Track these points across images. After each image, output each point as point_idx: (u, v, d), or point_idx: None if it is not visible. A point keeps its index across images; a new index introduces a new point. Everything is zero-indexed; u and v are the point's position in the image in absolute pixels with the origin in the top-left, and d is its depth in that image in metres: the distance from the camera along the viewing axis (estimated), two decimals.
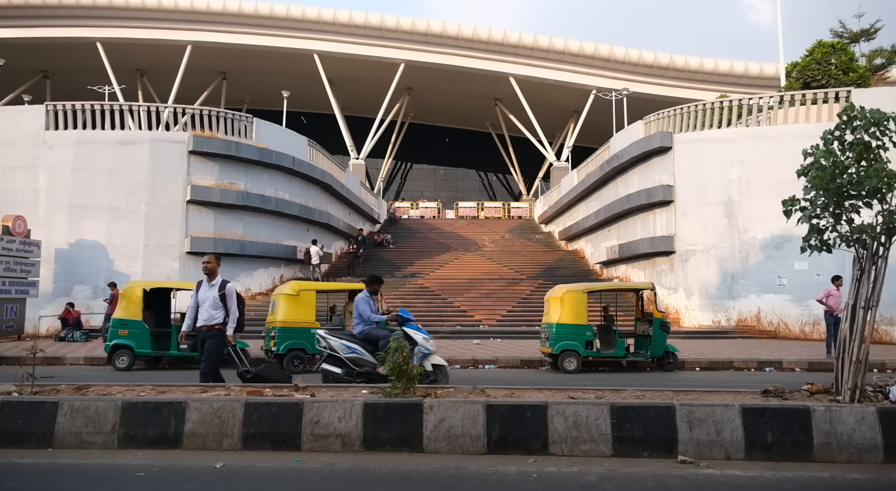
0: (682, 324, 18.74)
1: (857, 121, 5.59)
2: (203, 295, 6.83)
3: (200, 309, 6.80)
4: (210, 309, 6.76)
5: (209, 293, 6.80)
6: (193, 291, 6.97)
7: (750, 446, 4.75)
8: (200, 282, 6.95)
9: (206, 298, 6.80)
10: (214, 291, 6.81)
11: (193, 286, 7.08)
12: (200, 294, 6.84)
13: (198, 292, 6.87)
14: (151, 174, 18.91)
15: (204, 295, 6.83)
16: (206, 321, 6.78)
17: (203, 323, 6.78)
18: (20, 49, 34.24)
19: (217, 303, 6.79)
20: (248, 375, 7.27)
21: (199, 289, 6.87)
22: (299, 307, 10.82)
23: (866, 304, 5.58)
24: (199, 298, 6.82)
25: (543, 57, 36.46)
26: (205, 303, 6.78)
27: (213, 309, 6.76)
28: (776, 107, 18.83)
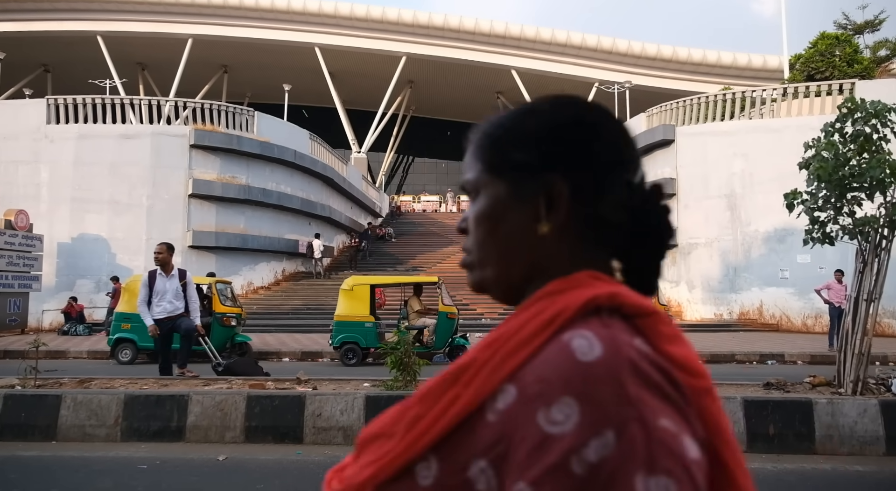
0: (685, 317, 18.73)
1: (857, 112, 5.57)
2: (161, 287, 6.66)
3: (159, 301, 6.62)
4: (173, 300, 6.66)
5: (169, 285, 6.67)
6: (144, 283, 6.73)
7: (752, 439, 4.75)
8: (153, 273, 6.69)
9: (167, 289, 6.66)
10: (175, 282, 6.69)
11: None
12: (158, 286, 6.65)
13: (152, 285, 6.64)
14: (153, 168, 18.90)
15: (162, 287, 6.67)
16: (171, 312, 6.68)
17: (167, 314, 6.66)
18: (21, 43, 34.16)
19: (179, 294, 6.71)
20: (219, 369, 7.19)
21: (155, 281, 6.65)
22: (353, 302, 10.85)
23: (869, 296, 5.57)
24: (156, 290, 6.63)
25: (545, 50, 36.28)
26: (165, 294, 6.63)
27: (176, 299, 6.68)
28: (779, 99, 18.73)
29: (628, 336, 0.53)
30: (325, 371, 9.41)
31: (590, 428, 0.48)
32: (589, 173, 0.62)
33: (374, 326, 10.78)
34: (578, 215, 0.61)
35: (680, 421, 0.49)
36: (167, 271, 6.69)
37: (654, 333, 0.55)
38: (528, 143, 0.63)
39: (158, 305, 6.65)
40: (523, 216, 0.62)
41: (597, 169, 0.62)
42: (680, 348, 0.55)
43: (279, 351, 11.94)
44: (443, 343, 10.77)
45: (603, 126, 0.64)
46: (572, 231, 0.62)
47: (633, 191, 0.64)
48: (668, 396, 0.50)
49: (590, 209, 0.61)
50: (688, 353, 0.55)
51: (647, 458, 0.46)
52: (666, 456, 0.47)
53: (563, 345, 0.52)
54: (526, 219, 0.62)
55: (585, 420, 0.48)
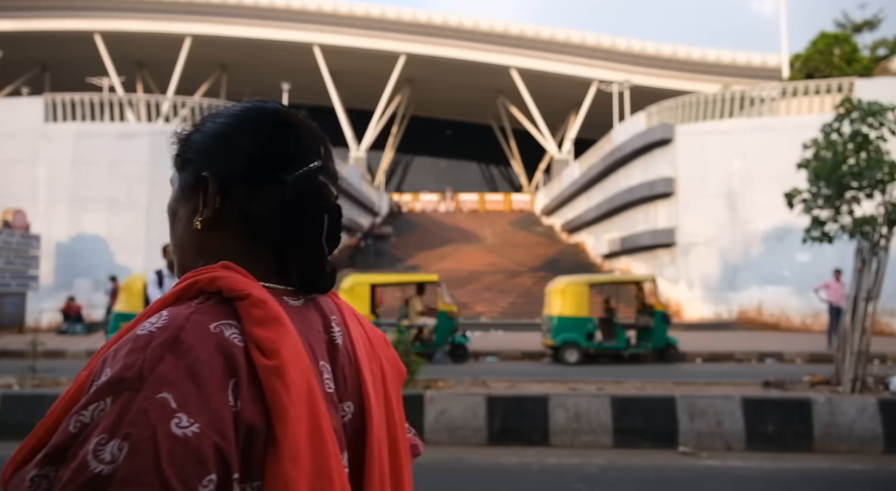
0: (684, 316, 18.74)
1: (854, 112, 5.57)
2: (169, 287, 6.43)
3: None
4: None
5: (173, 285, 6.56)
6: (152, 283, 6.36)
7: (751, 437, 4.75)
8: (160, 273, 6.34)
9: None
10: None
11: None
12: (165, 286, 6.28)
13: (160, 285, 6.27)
14: (151, 167, 18.87)
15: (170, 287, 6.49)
16: None
17: None
18: (18, 41, 34.09)
19: None
20: None
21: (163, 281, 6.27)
22: (354, 301, 10.83)
23: (868, 295, 5.57)
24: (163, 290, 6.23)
25: (545, 49, 36.26)
26: None
27: None
28: (778, 98, 18.74)
29: (209, 317, 0.59)
30: None
31: (100, 392, 0.53)
32: (239, 171, 0.67)
33: (373, 324, 10.78)
34: (231, 210, 0.66)
35: (194, 399, 0.53)
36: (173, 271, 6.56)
37: (246, 316, 0.60)
38: (197, 144, 0.70)
39: None
40: (188, 211, 0.68)
41: (248, 167, 0.67)
42: (265, 330, 0.59)
43: None
44: (443, 341, 10.78)
45: (258, 126, 0.70)
46: (226, 225, 0.67)
47: (288, 187, 0.67)
48: (196, 375, 0.54)
49: (241, 205, 0.66)
50: (270, 335, 0.59)
51: (116, 421, 0.51)
52: (136, 424, 0.51)
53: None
54: (190, 213, 0.68)
55: (104, 385, 0.54)
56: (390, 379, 0.75)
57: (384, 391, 0.72)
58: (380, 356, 0.76)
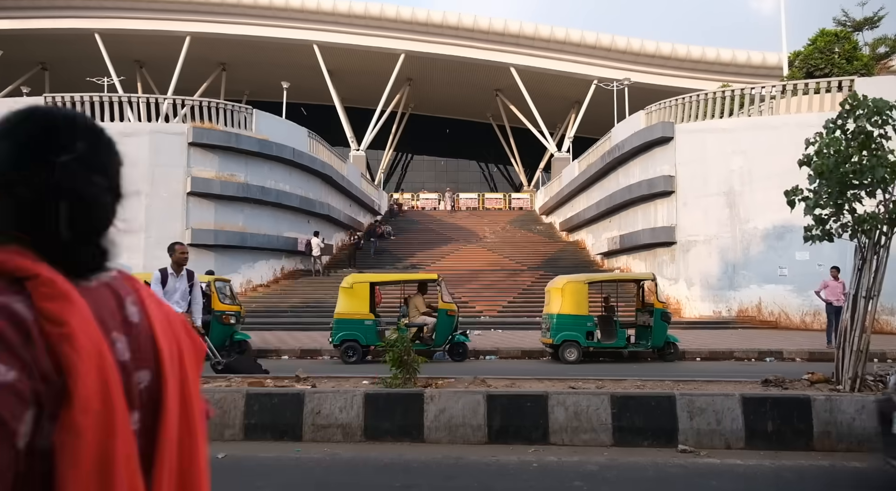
0: (683, 314, 18.75)
1: (859, 109, 5.57)
2: (172, 287, 6.42)
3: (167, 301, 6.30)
4: (180, 300, 6.45)
5: (179, 285, 6.46)
6: (156, 280, 6.40)
7: (750, 435, 4.76)
8: (164, 272, 6.42)
9: (177, 289, 6.44)
10: (184, 282, 6.50)
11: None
12: (169, 286, 6.40)
13: (164, 284, 6.38)
14: (151, 166, 18.87)
15: (173, 287, 6.43)
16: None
17: None
18: (18, 40, 34.08)
19: (187, 294, 6.51)
20: (218, 367, 7.15)
21: (167, 280, 6.39)
22: (353, 299, 10.86)
23: (867, 293, 5.58)
24: (167, 290, 6.37)
25: (544, 47, 36.23)
26: (174, 295, 6.40)
27: (183, 300, 6.48)
28: (778, 96, 18.73)
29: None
30: (324, 369, 9.42)
31: None
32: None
33: (374, 323, 10.79)
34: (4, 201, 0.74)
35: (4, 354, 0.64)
36: (179, 271, 6.50)
37: (35, 293, 0.69)
38: None
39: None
40: None
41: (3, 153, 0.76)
42: (53, 304, 0.69)
43: (278, 349, 11.95)
44: (443, 340, 10.79)
45: (7, 124, 0.80)
46: (6, 214, 0.74)
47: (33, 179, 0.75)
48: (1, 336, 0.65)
49: (4, 196, 0.74)
50: (57, 308, 0.69)
51: None
52: None
53: None
54: None
55: None
56: (188, 355, 0.86)
57: (180, 365, 0.83)
58: (178, 335, 0.86)
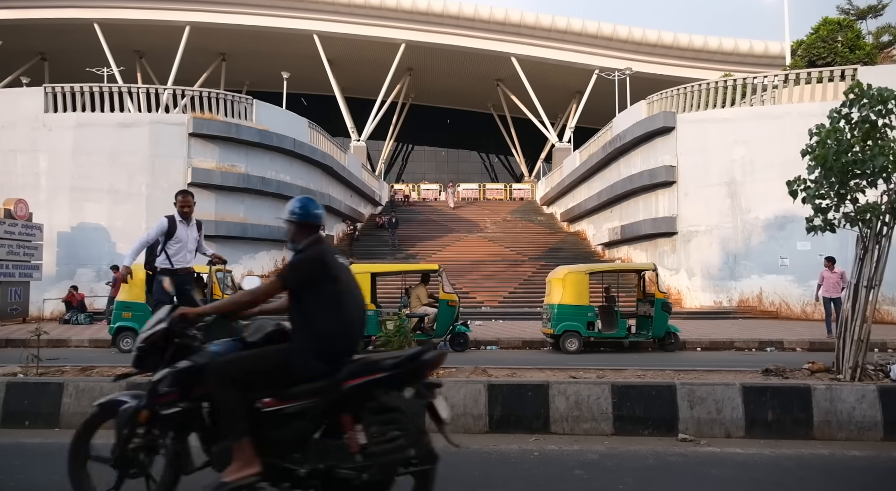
0: (684, 305, 18.78)
1: (863, 99, 5.53)
2: (184, 235, 6.01)
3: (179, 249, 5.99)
4: (193, 250, 6.17)
5: (191, 233, 6.08)
6: (160, 225, 5.98)
7: (750, 424, 4.78)
8: (172, 219, 5.99)
9: (189, 238, 6.05)
10: (195, 231, 6.13)
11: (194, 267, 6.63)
12: (180, 234, 5.99)
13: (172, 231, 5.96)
14: (152, 157, 18.85)
15: (185, 235, 6.02)
16: (188, 263, 6.13)
17: (186, 265, 6.09)
18: (17, 31, 33.90)
19: (196, 243, 6.18)
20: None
21: (175, 228, 5.97)
22: None
23: (869, 283, 5.58)
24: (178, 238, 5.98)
25: (545, 36, 36.00)
26: (187, 244, 6.05)
27: (195, 250, 6.21)
28: (781, 86, 18.63)
29: None
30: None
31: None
32: None
33: (374, 313, 10.81)
34: None
35: None
36: (188, 221, 6.09)
37: None
38: None
39: (177, 255, 6.01)
40: None
41: None
42: None
43: None
44: (444, 330, 10.82)
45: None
46: None
47: None
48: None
49: None
50: None
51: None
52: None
53: None
54: None
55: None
56: None
57: None
58: None
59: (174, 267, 5.94)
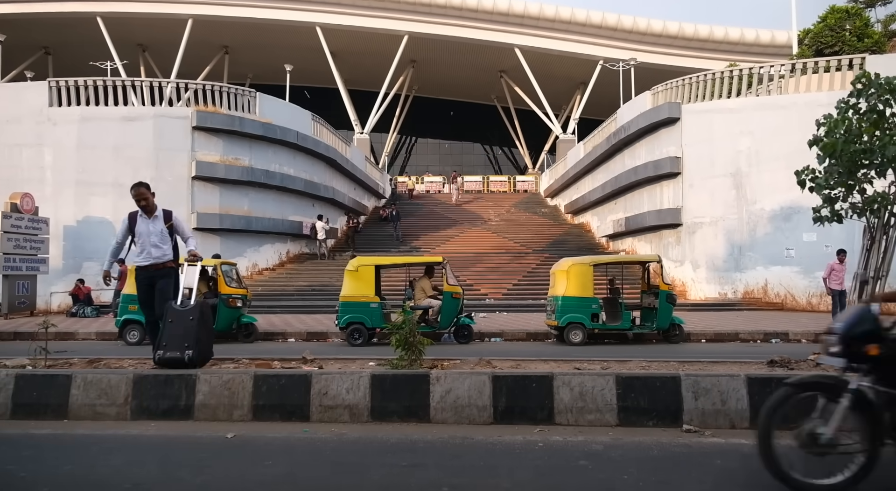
0: (689, 296, 18.75)
1: (871, 88, 5.49)
2: (144, 229, 5.86)
3: (142, 245, 5.85)
4: (160, 244, 5.89)
5: (153, 227, 5.89)
6: (122, 223, 5.96)
7: (755, 415, 4.76)
8: (134, 215, 5.91)
9: (151, 232, 5.88)
10: (159, 223, 5.92)
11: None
12: (140, 229, 5.86)
13: (133, 227, 5.88)
14: (156, 150, 18.88)
15: (145, 228, 5.86)
16: (157, 259, 5.87)
17: (153, 261, 5.87)
18: (21, 25, 33.89)
19: (165, 236, 5.92)
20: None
21: (137, 223, 5.88)
22: (359, 282, 10.88)
23: (876, 273, 5.55)
24: (138, 233, 5.87)
25: (549, 27, 35.77)
26: (150, 237, 5.86)
27: (163, 244, 5.90)
28: (787, 75, 18.47)
29: None
30: (330, 351, 9.49)
31: None
32: None
33: (379, 306, 10.84)
34: None
35: None
36: (149, 213, 5.94)
37: None
38: None
39: (142, 251, 5.86)
40: None
41: None
42: None
43: (284, 332, 12.04)
44: (448, 323, 10.84)
45: None
46: None
47: None
48: None
49: None
50: None
51: None
52: None
53: None
54: None
55: None
56: None
57: None
58: None
59: (138, 264, 5.85)
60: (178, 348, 5.43)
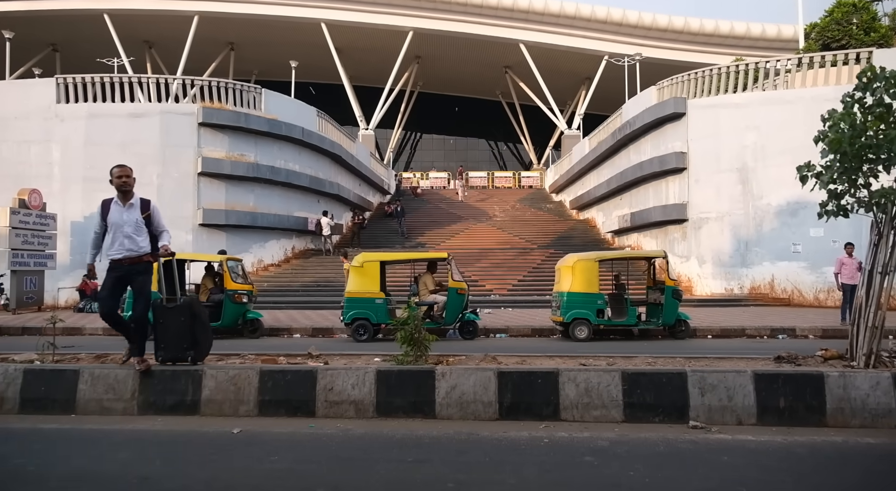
0: (695, 292, 18.69)
1: (877, 82, 5.43)
2: (117, 218, 5.24)
3: (116, 236, 5.25)
4: (134, 235, 5.26)
5: (128, 216, 5.26)
6: (98, 213, 5.36)
7: (762, 412, 4.76)
8: (108, 202, 5.33)
9: (125, 221, 5.24)
10: (135, 212, 5.30)
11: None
12: (113, 217, 5.25)
13: (106, 215, 5.28)
14: (162, 147, 18.93)
15: (119, 218, 5.24)
16: (134, 251, 5.26)
17: (126, 254, 5.25)
18: (29, 22, 34.00)
19: (141, 226, 5.29)
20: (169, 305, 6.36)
21: (110, 211, 5.28)
22: (364, 278, 10.89)
23: (884, 269, 5.51)
24: (110, 222, 5.26)
25: (554, 22, 35.61)
26: (122, 227, 5.23)
27: (138, 235, 5.28)
28: (794, 70, 18.32)
29: None
30: (336, 347, 9.51)
31: None
32: None
33: (384, 302, 10.85)
34: None
35: None
36: (126, 200, 5.30)
37: None
38: None
39: (114, 242, 5.24)
40: None
41: None
42: None
43: (290, 327, 12.07)
44: (453, 319, 10.84)
45: None
46: None
47: None
48: None
49: None
50: None
51: None
52: None
53: None
54: None
55: None
56: None
57: None
58: None
59: (111, 257, 5.25)
60: (178, 350, 5.37)
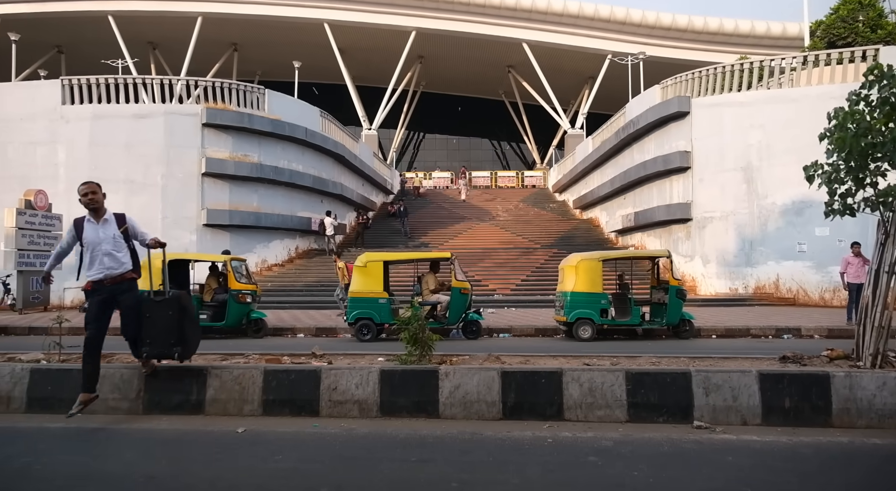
0: (699, 292, 18.63)
1: (883, 80, 5.40)
2: (93, 236, 4.95)
3: (95, 255, 4.95)
4: (114, 252, 4.97)
5: (104, 233, 4.97)
6: (69, 231, 5.12)
7: (767, 412, 4.74)
8: (80, 221, 5.04)
9: (101, 239, 4.95)
10: (111, 228, 5.00)
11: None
12: (89, 236, 4.96)
13: (80, 234, 5.01)
14: (166, 147, 19.00)
15: (94, 236, 4.95)
16: (115, 269, 4.97)
17: (108, 272, 4.96)
18: (34, 24, 34.18)
19: (120, 242, 5.00)
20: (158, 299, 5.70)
21: (84, 230, 4.99)
22: (367, 278, 10.89)
23: (890, 268, 5.48)
24: (85, 242, 4.98)
25: (557, 21, 35.56)
26: (100, 245, 4.94)
27: (118, 251, 5.00)
28: (799, 68, 18.24)
29: None
30: (339, 346, 9.52)
31: None
32: None
33: (388, 302, 10.85)
34: None
35: None
36: (98, 216, 5.01)
37: None
38: None
39: (93, 262, 4.95)
40: None
41: None
42: None
43: (294, 327, 12.09)
44: (456, 318, 10.84)
45: None
46: None
47: None
48: None
49: None
50: None
51: None
52: None
53: None
54: None
55: None
56: None
57: None
58: None
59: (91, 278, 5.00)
60: (165, 346, 5.13)
